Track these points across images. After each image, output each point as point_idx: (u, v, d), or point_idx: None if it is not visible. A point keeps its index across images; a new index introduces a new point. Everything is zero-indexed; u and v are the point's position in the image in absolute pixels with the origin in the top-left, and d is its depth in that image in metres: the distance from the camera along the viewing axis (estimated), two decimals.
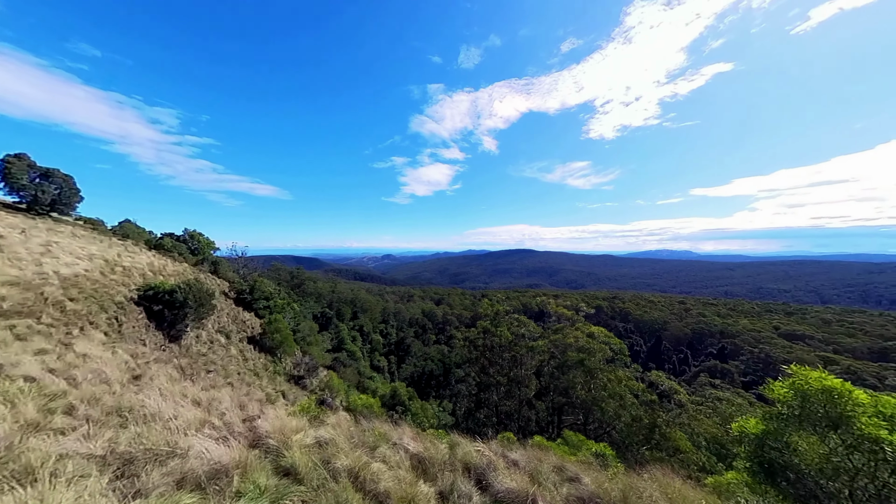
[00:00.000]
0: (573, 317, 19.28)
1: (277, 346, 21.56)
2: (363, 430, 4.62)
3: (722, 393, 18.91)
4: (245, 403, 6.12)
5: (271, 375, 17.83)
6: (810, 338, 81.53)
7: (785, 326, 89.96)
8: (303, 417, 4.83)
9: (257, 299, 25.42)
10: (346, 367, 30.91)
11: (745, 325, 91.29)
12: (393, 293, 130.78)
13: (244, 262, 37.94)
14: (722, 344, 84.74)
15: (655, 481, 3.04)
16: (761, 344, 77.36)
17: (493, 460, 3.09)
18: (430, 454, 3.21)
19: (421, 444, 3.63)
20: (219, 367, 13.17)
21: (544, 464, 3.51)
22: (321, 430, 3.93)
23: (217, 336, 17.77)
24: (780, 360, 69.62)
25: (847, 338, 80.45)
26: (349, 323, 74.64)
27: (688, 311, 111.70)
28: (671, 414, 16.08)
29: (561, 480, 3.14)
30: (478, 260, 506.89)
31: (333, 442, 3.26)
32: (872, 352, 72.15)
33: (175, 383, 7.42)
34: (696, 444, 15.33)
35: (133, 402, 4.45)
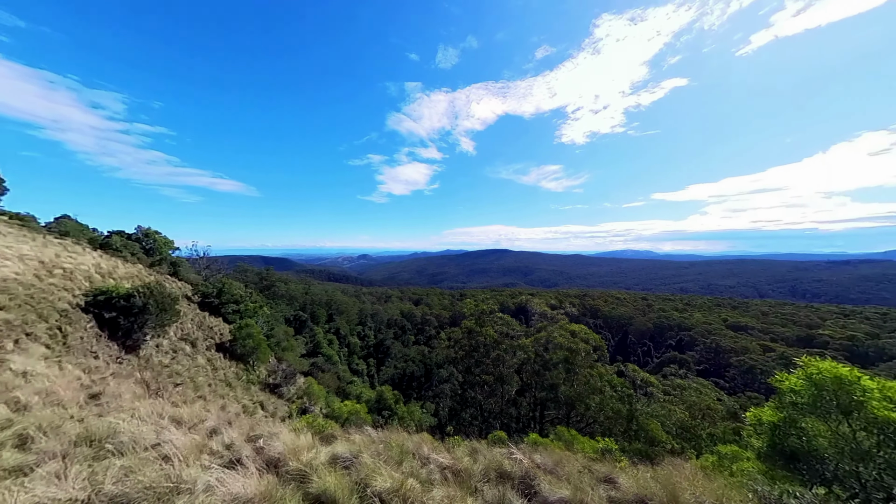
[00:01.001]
0: (555, 315, 19.88)
1: (250, 353, 20.07)
2: (374, 440, 4.33)
3: (685, 381, 20.65)
4: (231, 420, 5.54)
5: (245, 385, 16.52)
6: (752, 328, 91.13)
7: (732, 319, 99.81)
8: (306, 432, 4.44)
9: (225, 303, 23.52)
10: (324, 372, 29.56)
11: (699, 318, 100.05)
12: (370, 294, 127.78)
13: (207, 263, 35.04)
14: (680, 336, 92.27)
15: (682, 478, 3.09)
16: (713, 335, 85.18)
17: (530, 467, 2.98)
18: (465, 465, 3.04)
19: (448, 455, 3.43)
20: (186, 378, 11.92)
21: (572, 465, 3.46)
22: (336, 445, 3.60)
23: (181, 344, 16.15)
24: (729, 348, 77.17)
25: (781, 327, 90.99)
26: (324, 326, 71.69)
27: (650, 306, 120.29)
28: (643, 403, 17.09)
29: (595, 481, 3.11)
30: (456, 260, 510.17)
31: (359, 460, 2.97)
32: (801, 339, 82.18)
33: (142, 401, 6.57)
34: (668, 432, 16.44)
35: (102, 426, 3.82)
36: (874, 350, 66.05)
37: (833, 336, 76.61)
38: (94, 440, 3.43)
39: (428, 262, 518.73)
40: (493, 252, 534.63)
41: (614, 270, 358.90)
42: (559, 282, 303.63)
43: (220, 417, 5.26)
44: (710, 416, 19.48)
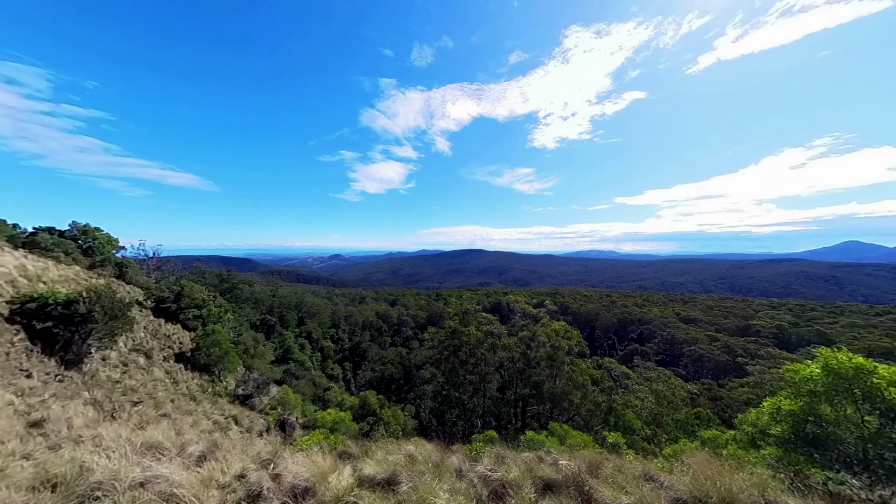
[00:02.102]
0: (538, 314, 20.45)
1: (216, 363, 18.29)
2: (392, 453, 4.01)
3: (654, 373, 22.47)
4: (218, 441, 4.89)
5: (212, 398, 14.97)
6: (700, 321, 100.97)
7: (683, 312, 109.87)
8: (322, 451, 4.02)
9: (185, 308, 21.27)
10: (298, 379, 27.83)
11: (656, 313, 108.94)
12: (343, 295, 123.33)
13: (157, 264, 31.56)
14: (640, 330, 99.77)
15: (712, 469, 3.17)
16: (668, 328, 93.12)
17: (576, 472, 2.88)
18: (513, 477, 2.85)
19: (482, 466, 3.23)
20: (143, 395, 10.48)
21: (607, 467, 3.43)
22: (361, 464, 3.24)
23: (133, 356, 14.26)
24: (682, 339, 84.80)
25: (723, 319, 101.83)
26: (295, 330, 67.79)
27: (614, 303, 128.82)
28: (619, 395, 18.09)
29: (637, 480, 3.09)
30: (431, 260, 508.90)
31: (397, 480, 2.66)
32: (739, 329, 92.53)
33: (100, 425, 5.64)
34: (642, 420, 17.54)
35: (62, 464, 3.12)
36: (796, 337, 76.21)
37: (764, 326, 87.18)
38: (59, 483, 2.77)
39: (403, 262, 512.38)
40: (468, 252, 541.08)
41: (581, 269, 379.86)
42: (532, 281, 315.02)
43: (208, 440, 4.62)
44: (673, 404, 21.13)
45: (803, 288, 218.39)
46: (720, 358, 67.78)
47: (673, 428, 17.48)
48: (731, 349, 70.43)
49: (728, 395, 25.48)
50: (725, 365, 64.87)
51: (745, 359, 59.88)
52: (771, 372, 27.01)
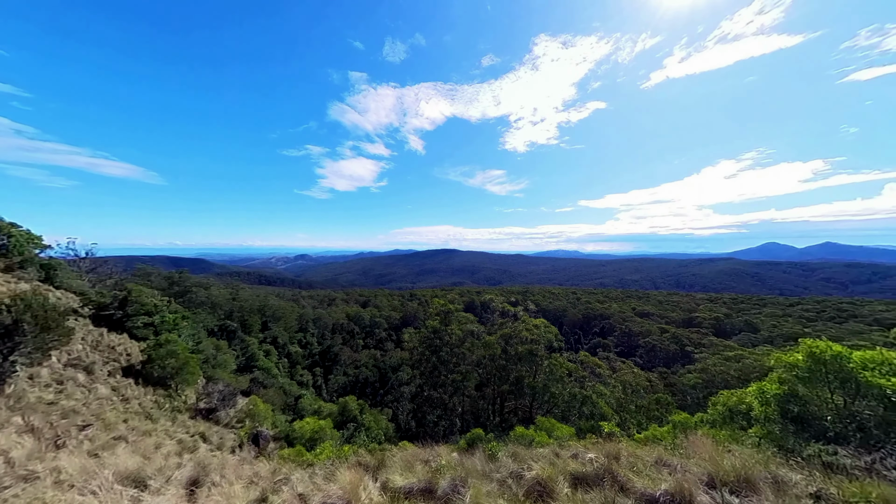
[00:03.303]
0: (517, 312, 21.08)
1: (172, 376, 16.41)
2: (411, 460, 3.91)
3: (624, 364, 24.31)
4: (206, 463, 4.43)
5: (171, 415, 13.40)
6: (653, 314, 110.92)
7: (639, 307, 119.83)
8: (327, 464, 3.79)
9: (133, 315, 18.85)
10: (266, 388, 25.91)
11: (616, 308, 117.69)
12: (311, 297, 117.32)
13: (91, 266, 27.66)
14: (602, 324, 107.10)
15: (710, 451, 3.49)
16: (626, 322, 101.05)
17: (607, 464, 3.01)
18: (548, 474, 2.89)
19: (509, 465, 3.24)
20: (88, 417, 9.06)
21: (624, 456, 3.63)
22: (389, 476, 3.09)
23: (70, 373, 12.33)
24: (638, 332, 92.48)
25: (671, 312, 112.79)
26: (259, 335, 63.13)
27: (578, 299, 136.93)
28: (592, 385, 19.27)
29: (655, 467, 3.30)
30: (404, 260, 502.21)
31: (432, 489, 2.56)
32: (684, 321, 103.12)
33: (47, 457, 4.85)
34: (611, 408, 18.84)
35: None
36: (730, 326, 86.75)
37: (705, 317, 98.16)
38: None
39: (375, 262, 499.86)
40: (442, 252, 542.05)
41: (549, 269, 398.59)
42: (503, 280, 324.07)
43: (196, 462, 4.17)
44: (636, 392, 22.95)
45: (734, 283, 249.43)
46: (670, 347, 75.05)
47: (636, 413, 18.99)
48: (679, 339, 78.33)
49: (680, 381, 28.34)
50: (674, 354, 71.94)
51: (691, 347, 66.71)
52: (713, 358, 30.46)
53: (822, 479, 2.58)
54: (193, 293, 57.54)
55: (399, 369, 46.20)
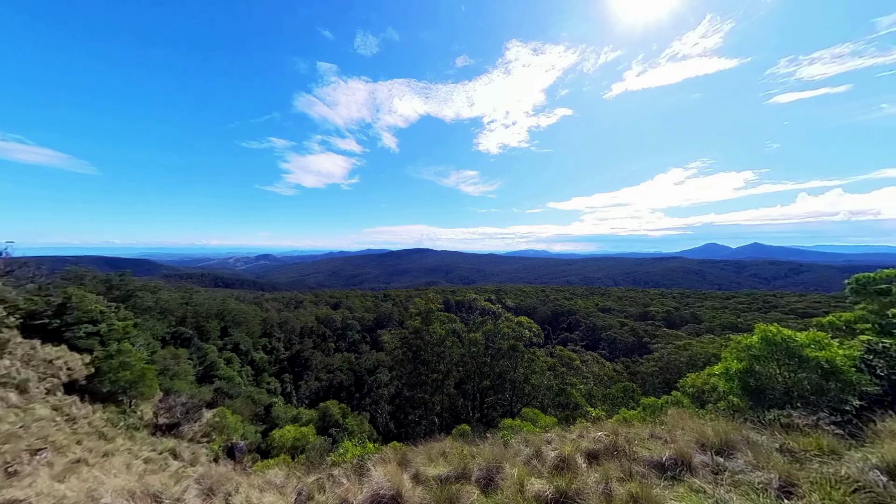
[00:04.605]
0: (498, 310, 21.80)
1: (125, 390, 14.75)
2: (435, 456, 4.09)
3: (591, 356, 26.28)
4: (211, 476, 4.27)
5: (126, 432, 12.05)
6: (614, 309, 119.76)
7: (601, 303, 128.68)
8: (347, 466, 3.88)
9: (73, 324, 16.60)
10: (232, 398, 24.09)
11: (581, 304, 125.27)
12: (275, 300, 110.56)
13: (7, 267, 23.90)
14: (569, 320, 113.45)
15: (690, 421, 4.10)
16: (590, 317, 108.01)
17: (615, 440, 3.42)
18: (568, 451, 3.21)
19: (530, 448, 3.53)
20: (33, 441, 7.90)
21: (623, 434, 4.11)
22: (419, 468, 3.23)
23: (1, 392, 10.63)
24: (601, 326, 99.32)
25: (630, 307, 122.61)
26: (218, 342, 58.22)
27: (547, 297, 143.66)
28: (567, 377, 20.53)
29: (651, 440, 3.81)
30: (377, 259, 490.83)
31: (467, 475, 2.75)
32: (640, 315, 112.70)
33: (8, 486, 4.38)
34: (584, 396, 20.21)
35: None
36: (679, 318, 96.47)
37: (658, 311, 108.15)
38: None
39: (345, 262, 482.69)
40: (416, 251, 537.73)
41: (520, 268, 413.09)
42: (477, 279, 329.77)
43: (204, 479, 4.02)
44: (604, 382, 24.79)
45: (681, 280, 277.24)
46: (629, 339, 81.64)
47: (604, 401, 20.58)
48: (636, 331, 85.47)
49: (640, 369, 31.16)
50: (633, 345, 78.40)
51: (647, 339, 73.02)
52: (667, 347, 33.83)
53: (783, 437, 3.23)
54: (138, 297, 51.45)
55: (375, 371, 45.27)
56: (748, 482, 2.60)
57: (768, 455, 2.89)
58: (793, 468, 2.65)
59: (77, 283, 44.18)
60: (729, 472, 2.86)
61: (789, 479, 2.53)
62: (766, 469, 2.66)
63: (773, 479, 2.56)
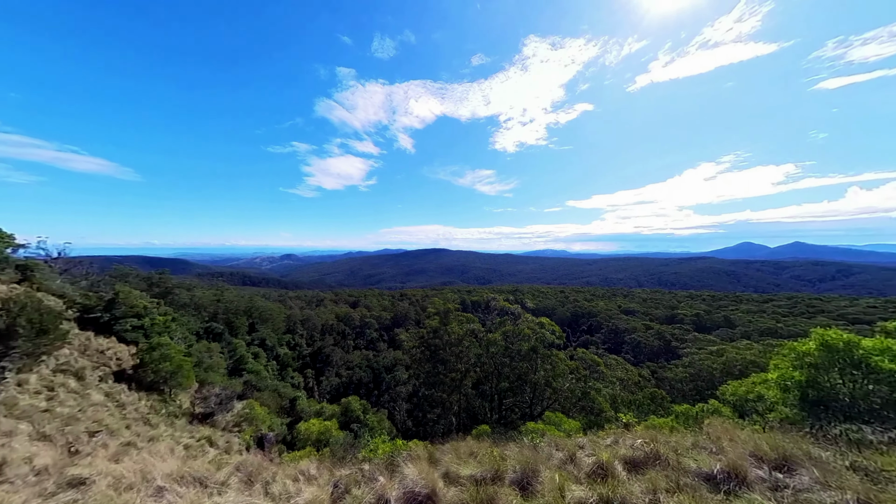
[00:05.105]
0: (517, 310, 21.47)
1: (166, 380, 15.84)
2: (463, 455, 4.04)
3: (615, 360, 25.24)
4: (250, 464, 4.43)
5: (167, 420, 12.95)
6: (638, 311, 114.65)
7: (624, 305, 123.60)
8: (378, 461, 3.89)
9: (121, 318, 18.05)
10: (260, 391, 25.30)
11: (602, 306, 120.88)
12: (298, 298, 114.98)
13: (65, 266, 26.29)
14: (590, 322, 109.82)
15: (735, 435, 3.79)
16: (612, 319, 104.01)
17: (655, 448, 3.24)
18: (606, 458, 3.08)
19: (561, 453, 3.42)
20: (89, 424, 8.68)
21: (661, 442, 3.88)
22: (452, 468, 3.21)
23: (60, 378, 11.74)
24: (623, 329, 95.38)
25: (655, 310, 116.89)
26: (246, 337, 61.35)
27: (567, 298, 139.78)
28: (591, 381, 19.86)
29: (695, 450, 3.57)
30: (393, 259, 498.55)
31: (501, 476, 2.68)
32: (667, 317, 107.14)
33: (76, 464, 4.73)
34: (608, 402, 19.46)
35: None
36: (710, 322, 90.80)
37: (686, 314, 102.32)
38: None
39: (363, 262, 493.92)
40: (431, 251, 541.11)
41: (538, 268, 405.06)
42: (493, 279, 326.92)
43: (241, 464, 4.17)
44: (629, 387, 23.76)
45: (712, 281, 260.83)
46: (654, 343, 77.84)
47: (629, 407, 19.69)
48: (663, 335, 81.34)
49: (669, 376, 29.57)
50: (658, 349, 74.69)
51: (676, 343, 69.34)
52: (699, 353, 31.93)
53: (854, 455, 2.91)
54: (175, 295, 55.20)
55: (393, 369, 45.95)
56: (818, 502, 2.35)
57: (840, 474, 2.61)
58: (871, 489, 2.37)
59: (122, 280, 48.20)
60: (791, 490, 2.62)
61: (867, 501, 2.27)
62: (837, 489, 2.40)
63: (847, 500, 2.30)
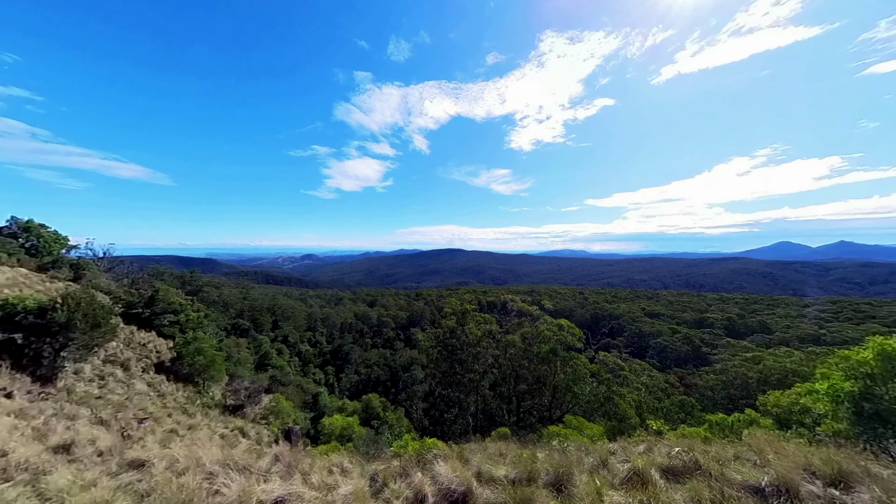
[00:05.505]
0: (536, 312, 21.14)
1: (200, 372, 16.85)
2: (494, 455, 4.04)
3: (640, 366, 24.23)
4: (284, 454, 4.64)
5: (202, 410, 13.79)
6: (663, 315, 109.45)
7: (648, 308, 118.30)
8: (408, 456, 3.96)
9: (160, 313, 19.38)
10: (284, 385, 26.36)
11: (625, 308, 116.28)
12: (318, 297, 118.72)
13: (109, 265, 28.56)
14: (611, 325, 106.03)
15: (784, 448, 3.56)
16: (636, 322, 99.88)
17: (694, 457, 3.12)
18: (642, 464, 3.01)
19: (592, 458, 3.36)
20: (135, 411, 9.42)
21: (699, 451, 3.72)
22: (485, 467, 3.23)
23: (109, 369, 12.79)
24: (648, 332, 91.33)
25: (682, 313, 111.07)
26: (270, 334, 64.15)
27: (586, 299, 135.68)
28: (615, 386, 19.22)
29: (738, 461, 3.40)
30: (409, 260, 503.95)
31: (534, 478, 2.69)
32: (696, 321, 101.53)
33: (131, 448, 5.14)
34: (633, 408, 18.74)
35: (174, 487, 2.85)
36: (743, 327, 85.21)
37: (717, 318, 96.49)
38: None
39: (380, 262, 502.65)
40: (446, 252, 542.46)
41: (554, 268, 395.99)
42: (508, 279, 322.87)
43: (279, 453, 4.37)
44: (655, 394, 22.77)
45: (745, 284, 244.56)
46: (682, 348, 74.02)
47: (655, 414, 18.85)
48: (691, 340, 77.20)
49: (698, 383, 28.08)
50: (686, 355, 70.96)
51: (707, 349, 65.68)
52: (733, 359, 30.07)
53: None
54: (205, 292, 58.64)
55: (410, 368, 46.47)
56: None
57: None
58: None
59: (158, 279, 51.83)
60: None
61: None
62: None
63: None
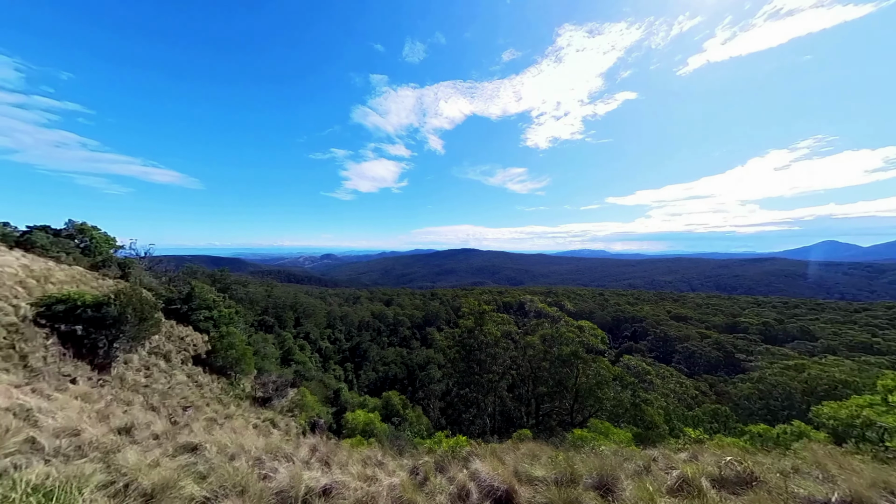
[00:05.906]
0: (555, 313, 20.70)
1: (232, 365, 17.82)
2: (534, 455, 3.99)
3: (668, 371, 23.12)
4: (317, 446, 4.80)
5: (235, 401, 14.58)
6: (691, 318, 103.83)
7: (674, 310, 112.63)
8: (438, 452, 3.96)
9: (196, 309, 20.63)
10: (308, 380, 27.36)
11: (648, 311, 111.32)
12: (336, 295, 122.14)
13: (149, 264, 30.75)
14: (634, 328, 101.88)
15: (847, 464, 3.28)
16: (661, 325, 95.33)
17: (750, 468, 2.94)
18: (692, 473, 2.88)
19: (633, 464, 3.25)
20: (179, 399, 10.12)
21: (753, 462, 3.50)
22: (515, 465, 3.21)
23: (153, 359, 13.77)
24: (674, 337, 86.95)
25: (712, 317, 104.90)
26: (292, 330, 66.73)
27: (606, 301, 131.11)
28: (641, 391, 18.45)
29: (798, 475, 3.18)
30: (424, 259, 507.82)
31: (575, 480, 2.63)
32: (727, 326, 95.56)
33: (179, 433, 5.47)
34: (661, 416, 17.90)
35: (229, 469, 3.01)
36: (782, 333, 79.24)
37: (752, 322, 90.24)
38: (243, 490, 2.66)
39: (396, 261, 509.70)
40: (461, 252, 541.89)
41: (573, 269, 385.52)
42: (525, 280, 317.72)
43: (313, 445, 4.52)
44: (684, 401, 21.64)
45: (784, 286, 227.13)
46: (711, 354, 69.87)
47: (685, 423, 17.89)
48: (722, 345, 72.72)
49: (732, 391, 26.39)
50: (717, 361, 66.94)
51: (742, 355, 61.80)
52: (772, 367, 28.03)
53: None
54: (234, 290, 61.79)
55: (426, 367, 46.85)
56: None
57: None
58: None
59: (192, 277, 55.01)
60: None
61: None
62: None
63: None
